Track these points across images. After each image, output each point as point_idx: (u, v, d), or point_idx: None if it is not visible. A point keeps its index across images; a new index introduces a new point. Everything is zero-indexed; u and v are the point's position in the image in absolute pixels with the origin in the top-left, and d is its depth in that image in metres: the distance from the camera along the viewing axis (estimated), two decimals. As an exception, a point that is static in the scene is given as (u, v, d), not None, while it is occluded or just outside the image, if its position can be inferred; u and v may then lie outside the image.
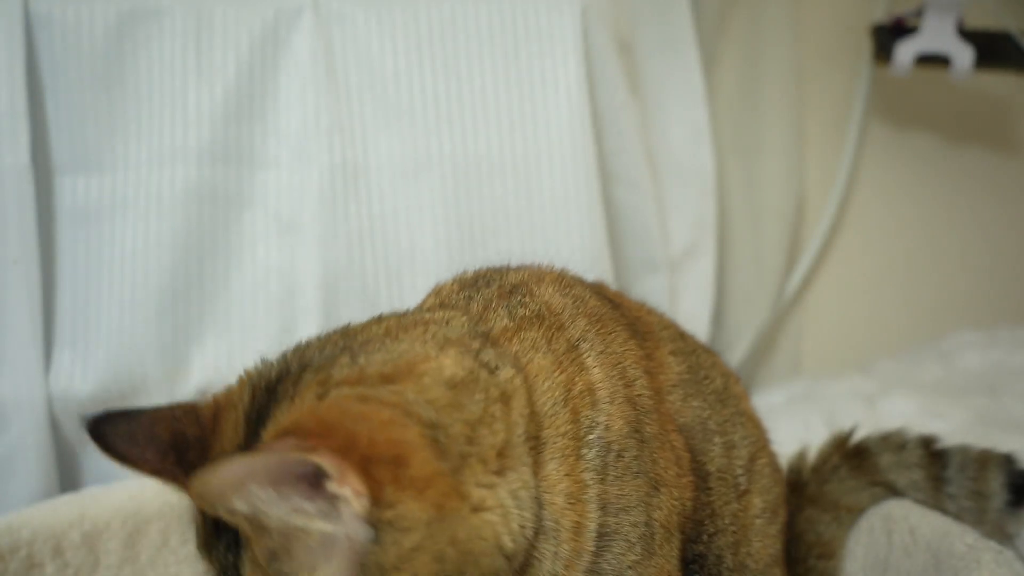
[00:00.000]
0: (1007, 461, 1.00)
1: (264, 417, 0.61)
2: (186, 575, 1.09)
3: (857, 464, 1.04)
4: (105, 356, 1.21)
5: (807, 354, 1.78)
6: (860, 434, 1.07)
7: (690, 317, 1.53)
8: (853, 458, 1.05)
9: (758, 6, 1.66)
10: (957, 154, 1.82)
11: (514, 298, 0.76)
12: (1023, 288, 1.83)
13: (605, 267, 1.37)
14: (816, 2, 1.73)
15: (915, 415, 1.33)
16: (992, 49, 1.61)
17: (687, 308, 1.55)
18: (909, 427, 1.06)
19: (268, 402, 0.62)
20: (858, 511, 1.02)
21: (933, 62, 1.59)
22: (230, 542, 0.60)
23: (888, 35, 1.63)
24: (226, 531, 0.60)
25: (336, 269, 1.27)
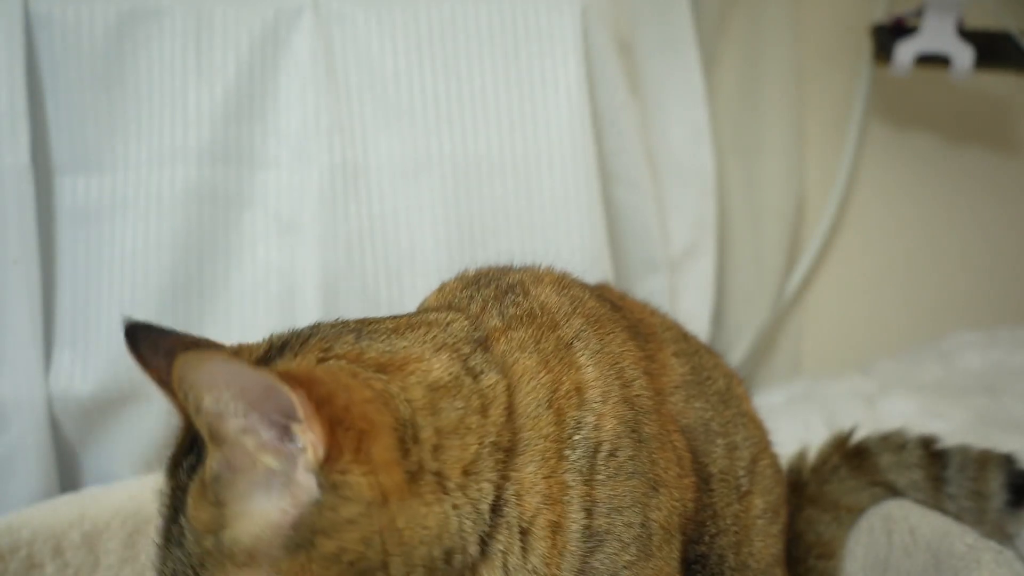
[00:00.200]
0: (1007, 461, 1.00)
1: (269, 364, 0.66)
2: (186, 575, 1.10)
3: (857, 464, 1.04)
4: (105, 356, 1.21)
5: (807, 354, 1.78)
6: (860, 434, 1.07)
7: (690, 317, 1.53)
8: (853, 458, 1.05)
9: (758, 6, 1.66)
10: (957, 154, 1.82)
11: (507, 298, 0.77)
12: (1023, 288, 1.83)
13: (605, 267, 1.37)
14: (816, 2, 1.73)
15: (915, 415, 1.33)
16: (992, 49, 1.61)
17: (687, 308, 1.55)
18: (909, 427, 1.06)
19: (276, 355, 0.66)
20: (858, 511, 1.02)
21: (933, 62, 1.59)
22: (192, 465, 0.64)
23: (888, 35, 1.63)
24: (192, 455, 0.63)
25: (336, 269, 1.27)
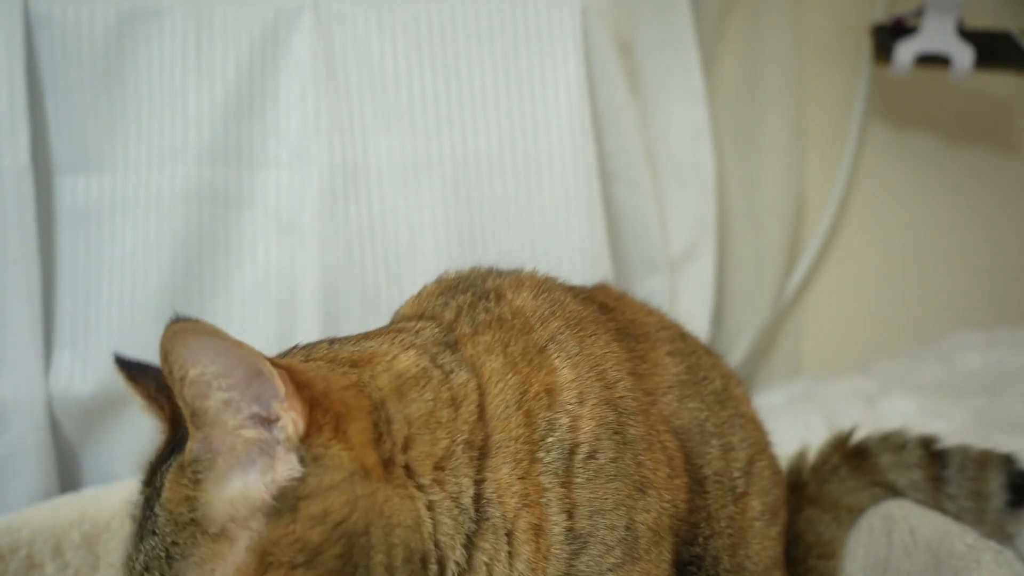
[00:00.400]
0: (1007, 461, 1.00)
1: None
2: (186, 575, 1.09)
3: (857, 464, 1.04)
4: (105, 356, 1.21)
5: (807, 354, 1.78)
6: (860, 434, 1.07)
7: (690, 317, 1.53)
8: (853, 458, 1.05)
9: (758, 6, 1.66)
10: (957, 154, 1.82)
11: (480, 304, 0.78)
12: (1023, 288, 1.83)
13: (605, 267, 1.37)
14: (816, 2, 1.73)
15: (915, 415, 1.33)
16: (992, 49, 1.61)
17: (687, 308, 1.55)
18: (909, 427, 1.06)
19: None
20: (858, 511, 1.02)
21: (933, 62, 1.59)
22: (168, 468, 0.65)
23: (888, 35, 1.63)
24: (170, 461, 0.66)
25: (336, 269, 1.27)
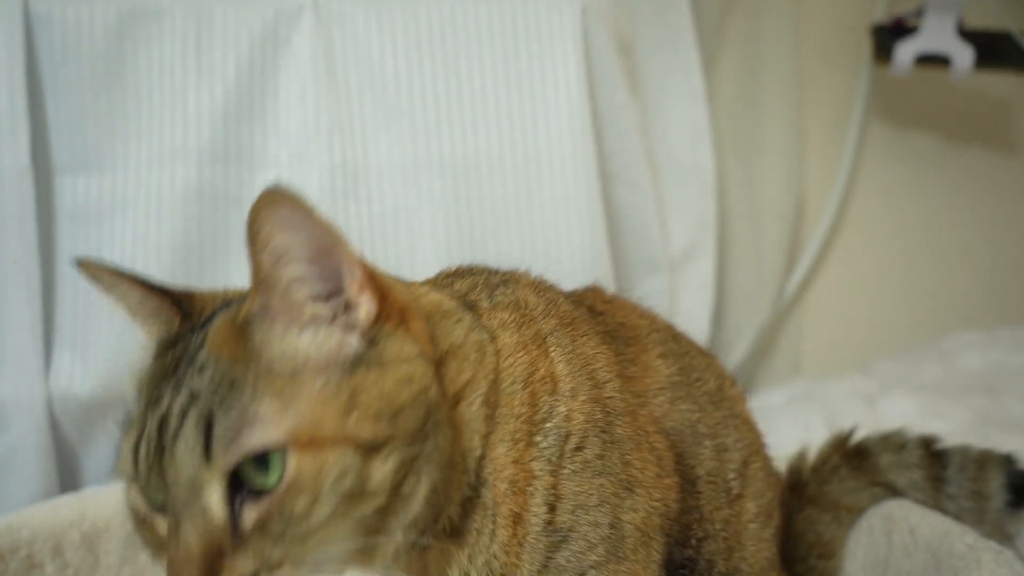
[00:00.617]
0: (1007, 461, 1.00)
1: None
2: (186, 575, 1.09)
3: (857, 464, 1.04)
4: (105, 356, 1.21)
5: (807, 354, 1.78)
6: (860, 434, 1.06)
7: (690, 317, 1.53)
8: (853, 458, 1.04)
9: (758, 6, 1.67)
10: (957, 154, 1.82)
11: (496, 288, 0.80)
12: (1023, 288, 1.83)
13: (605, 267, 1.37)
14: (816, 2, 1.73)
15: (915, 415, 1.33)
16: (992, 49, 1.61)
17: (687, 308, 1.55)
18: (909, 427, 1.06)
19: None
20: (858, 511, 1.02)
21: (933, 62, 1.59)
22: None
23: (888, 35, 1.63)
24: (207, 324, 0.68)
25: (336, 269, 1.27)
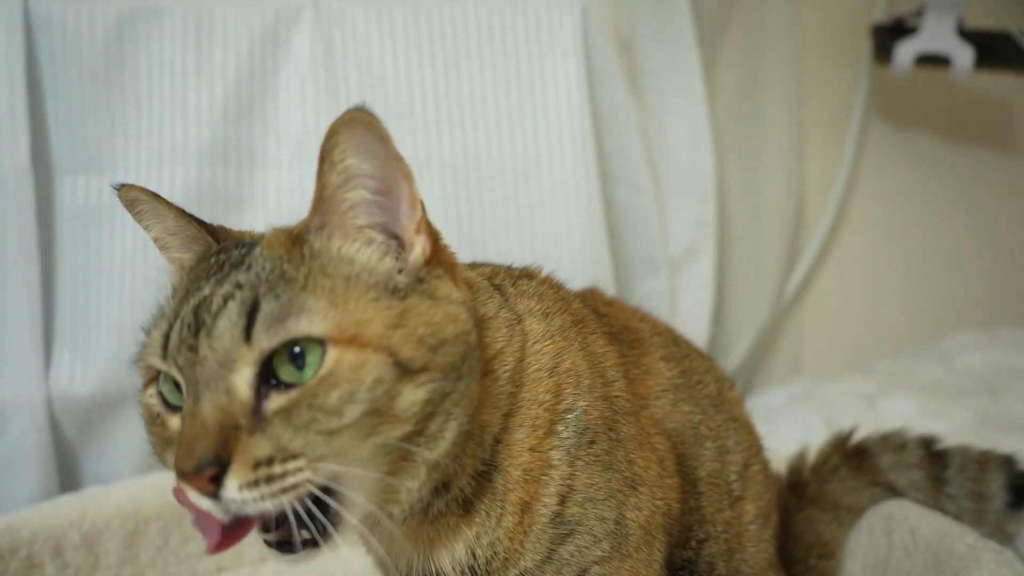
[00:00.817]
0: (1007, 462, 1.00)
1: None
2: (186, 575, 1.10)
3: (857, 464, 1.04)
4: (105, 356, 1.21)
5: (807, 354, 1.78)
6: (860, 434, 1.07)
7: (690, 317, 1.53)
8: (853, 458, 1.05)
9: (758, 6, 1.66)
10: (957, 154, 1.82)
11: (519, 278, 0.80)
12: (1023, 288, 1.83)
13: (605, 267, 1.37)
14: (816, 2, 1.73)
15: (915, 415, 1.33)
16: (992, 49, 1.61)
17: (687, 308, 1.55)
18: (909, 427, 1.06)
19: None
20: (858, 511, 1.02)
21: (933, 62, 1.59)
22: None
23: (888, 35, 1.63)
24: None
25: (336, 269, 1.27)
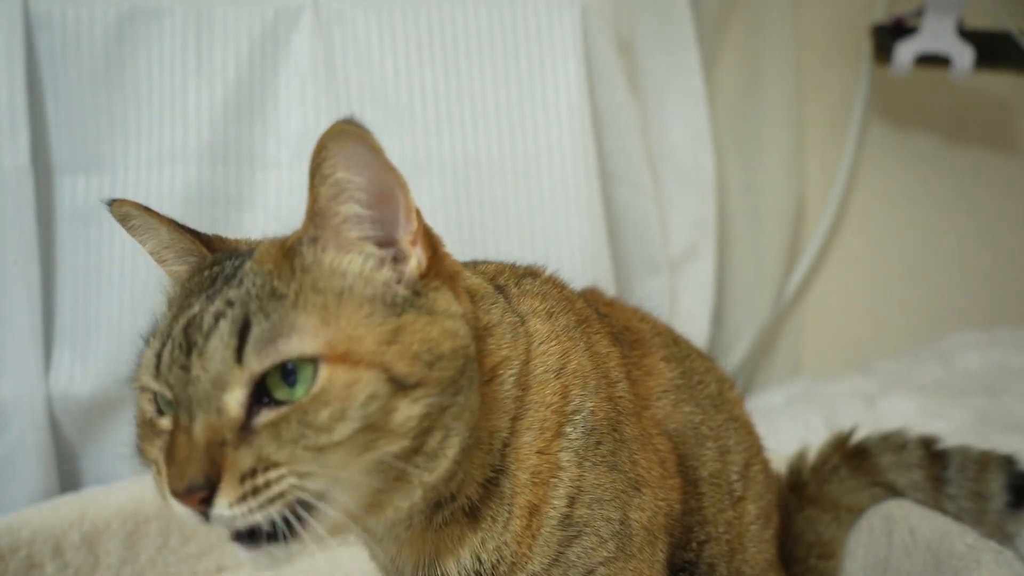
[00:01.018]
0: (1007, 462, 1.00)
1: None
2: (186, 575, 1.10)
3: (857, 464, 1.04)
4: (105, 356, 1.21)
5: (807, 354, 1.78)
6: (860, 434, 1.07)
7: (690, 317, 1.53)
8: (853, 458, 1.05)
9: (758, 6, 1.67)
10: (957, 154, 1.82)
11: (523, 277, 0.80)
12: (1023, 288, 1.83)
13: (605, 267, 1.37)
14: (816, 2, 1.73)
15: (915, 415, 1.33)
16: (992, 49, 1.61)
17: (687, 308, 1.55)
18: (909, 427, 1.06)
19: None
20: (858, 511, 1.02)
21: (933, 62, 1.59)
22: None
23: (888, 35, 1.63)
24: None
25: (336, 269, 1.27)
